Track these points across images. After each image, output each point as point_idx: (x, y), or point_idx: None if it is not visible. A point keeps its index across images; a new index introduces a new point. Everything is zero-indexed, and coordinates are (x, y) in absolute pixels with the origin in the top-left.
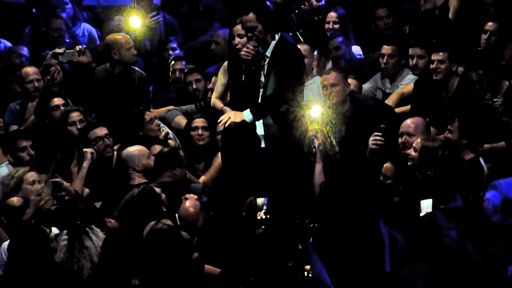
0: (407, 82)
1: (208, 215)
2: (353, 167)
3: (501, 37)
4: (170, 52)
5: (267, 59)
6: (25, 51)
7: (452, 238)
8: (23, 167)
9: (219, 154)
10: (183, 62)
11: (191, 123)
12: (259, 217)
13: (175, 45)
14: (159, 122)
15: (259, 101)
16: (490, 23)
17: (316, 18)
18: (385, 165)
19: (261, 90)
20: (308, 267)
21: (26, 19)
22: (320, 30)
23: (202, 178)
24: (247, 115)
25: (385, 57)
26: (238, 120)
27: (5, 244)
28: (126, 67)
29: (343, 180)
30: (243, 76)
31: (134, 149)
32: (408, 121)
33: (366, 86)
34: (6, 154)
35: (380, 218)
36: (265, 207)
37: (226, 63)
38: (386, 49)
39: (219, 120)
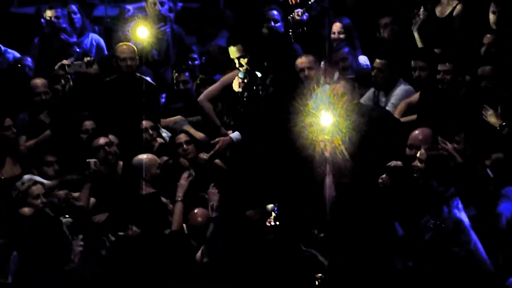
0: (398, 93)
1: (217, 227)
2: (362, 177)
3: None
4: (190, 62)
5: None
6: (29, 61)
7: (463, 248)
8: (30, 181)
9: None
10: (186, 74)
11: (174, 141)
12: (268, 224)
13: (195, 56)
14: (152, 132)
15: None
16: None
17: (300, 30)
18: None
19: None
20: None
21: (35, 30)
22: (321, 40)
23: None
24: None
25: (375, 71)
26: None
27: (15, 253)
28: (132, 76)
29: (354, 193)
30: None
31: (143, 158)
32: (416, 132)
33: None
34: (31, 168)
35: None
36: (274, 213)
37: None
38: (376, 62)
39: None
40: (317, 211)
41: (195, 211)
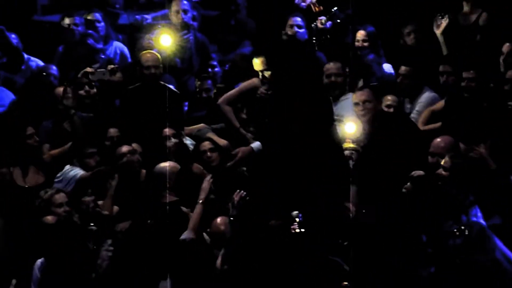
0: (423, 100)
1: (236, 227)
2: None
3: None
4: (209, 69)
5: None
6: (54, 70)
7: (488, 255)
8: (53, 189)
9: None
10: (209, 82)
11: (198, 148)
12: (292, 230)
13: (215, 63)
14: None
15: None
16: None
17: (323, 38)
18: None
19: None
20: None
21: (60, 38)
22: (345, 48)
23: None
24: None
25: (400, 78)
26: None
27: (39, 261)
28: (155, 84)
29: (378, 201)
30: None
31: (165, 166)
32: (438, 140)
33: None
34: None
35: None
36: (298, 220)
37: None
38: (402, 70)
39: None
40: (341, 219)
41: (217, 219)
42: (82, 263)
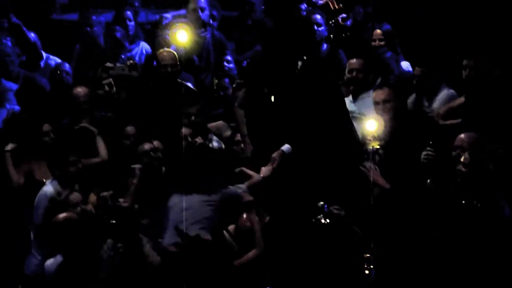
0: (442, 97)
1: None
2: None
3: None
4: (225, 64)
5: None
6: (66, 67)
7: None
8: (67, 190)
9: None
10: (226, 80)
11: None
12: (318, 222)
13: (229, 58)
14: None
15: None
16: None
17: (343, 35)
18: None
19: None
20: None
21: (78, 37)
22: (364, 46)
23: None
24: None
25: (416, 79)
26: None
27: (50, 261)
28: (173, 82)
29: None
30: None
31: None
32: (463, 136)
33: None
34: (53, 169)
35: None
36: (324, 211)
37: None
38: (417, 70)
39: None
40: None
41: (244, 216)
42: (95, 262)
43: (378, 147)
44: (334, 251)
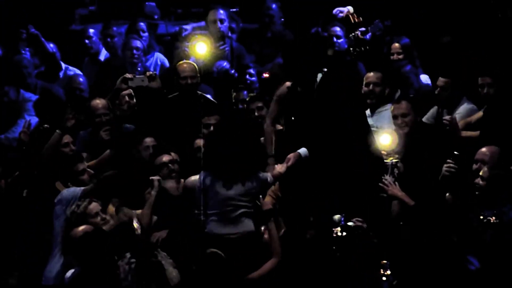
0: (462, 111)
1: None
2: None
3: None
4: (248, 77)
5: None
6: (80, 78)
7: None
8: (86, 200)
9: None
10: (245, 92)
11: None
12: (335, 234)
13: (252, 71)
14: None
15: None
16: None
17: (362, 49)
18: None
19: None
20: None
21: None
22: (383, 59)
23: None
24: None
25: (438, 89)
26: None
27: (69, 272)
28: (193, 94)
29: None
30: None
31: (196, 178)
32: (484, 149)
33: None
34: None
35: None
36: (341, 223)
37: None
38: (440, 81)
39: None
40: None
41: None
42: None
43: (397, 160)
44: (351, 261)
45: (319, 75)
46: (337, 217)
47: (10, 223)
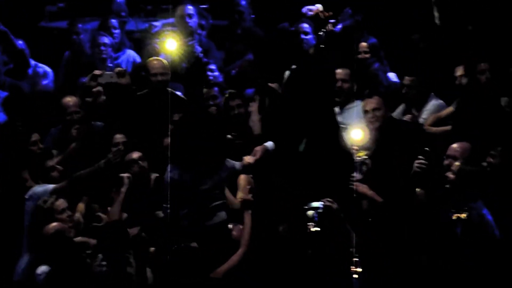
0: (430, 108)
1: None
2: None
3: None
4: (209, 73)
5: None
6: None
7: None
8: (53, 196)
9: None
10: (216, 89)
11: None
12: (309, 230)
13: (213, 67)
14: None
15: None
16: None
17: (332, 42)
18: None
19: None
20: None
21: (67, 44)
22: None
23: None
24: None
25: (405, 88)
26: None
27: (41, 268)
28: (163, 91)
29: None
30: None
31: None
32: (455, 145)
33: None
34: (37, 180)
35: None
36: (315, 220)
37: None
38: (406, 79)
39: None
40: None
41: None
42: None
43: (366, 157)
44: (325, 249)
45: (287, 72)
46: (310, 213)
47: None
